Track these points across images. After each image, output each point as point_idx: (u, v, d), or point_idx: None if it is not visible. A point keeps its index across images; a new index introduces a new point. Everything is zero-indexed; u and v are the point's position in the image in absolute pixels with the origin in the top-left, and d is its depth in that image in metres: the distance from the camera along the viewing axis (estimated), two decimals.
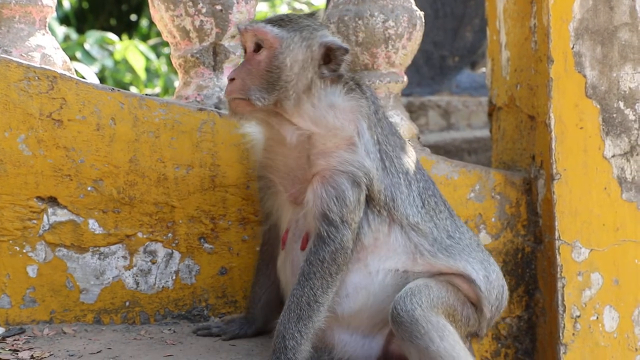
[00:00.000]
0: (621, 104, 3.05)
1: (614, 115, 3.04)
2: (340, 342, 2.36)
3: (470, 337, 2.46)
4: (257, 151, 2.53)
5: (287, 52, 2.27)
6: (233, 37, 3.02)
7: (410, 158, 2.48)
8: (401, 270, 2.36)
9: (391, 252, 2.36)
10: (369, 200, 2.33)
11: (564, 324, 2.96)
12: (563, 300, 2.97)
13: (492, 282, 2.43)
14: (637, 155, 3.04)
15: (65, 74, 2.68)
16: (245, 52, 2.35)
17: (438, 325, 2.26)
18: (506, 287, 2.52)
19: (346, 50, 2.31)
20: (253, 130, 2.53)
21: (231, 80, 2.30)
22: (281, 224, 2.50)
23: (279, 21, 2.31)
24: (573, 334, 2.97)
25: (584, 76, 3.02)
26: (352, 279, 2.34)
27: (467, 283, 2.40)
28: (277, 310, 2.62)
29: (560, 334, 2.96)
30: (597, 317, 2.99)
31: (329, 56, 2.31)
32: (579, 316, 2.98)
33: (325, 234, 2.27)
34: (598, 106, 3.03)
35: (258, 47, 2.30)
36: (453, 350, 2.25)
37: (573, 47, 3.01)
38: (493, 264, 2.49)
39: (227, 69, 3.05)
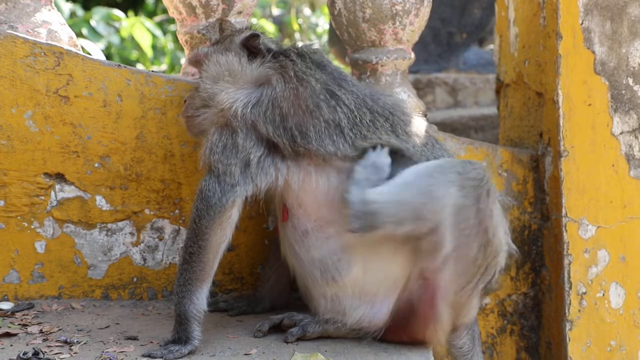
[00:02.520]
0: (630, 81, 3.02)
1: (623, 91, 3.01)
2: (350, 309, 2.36)
3: (488, 293, 2.44)
4: None
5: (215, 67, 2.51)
6: (240, 13, 3.00)
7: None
8: None
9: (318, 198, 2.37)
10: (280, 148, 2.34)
11: (570, 301, 2.97)
12: (569, 277, 2.97)
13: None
14: None
15: (71, 50, 2.67)
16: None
17: (495, 211, 2.32)
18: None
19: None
20: None
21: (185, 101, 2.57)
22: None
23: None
24: (579, 311, 2.98)
25: (593, 52, 2.99)
26: (335, 241, 2.32)
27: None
28: (285, 292, 2.64)
29: (566, 311, 2.97)
30: (603, 294, 3.00)
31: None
32: (585, 293, 2.98)
33: (199, 185, 2.36)
34: (607, 83, 3.00)
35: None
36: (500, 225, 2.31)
37: (582, 23, 2.98)
38: None
39: None
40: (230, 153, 2.33)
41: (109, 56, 6.79)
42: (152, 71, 2.82)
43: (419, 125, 2.48)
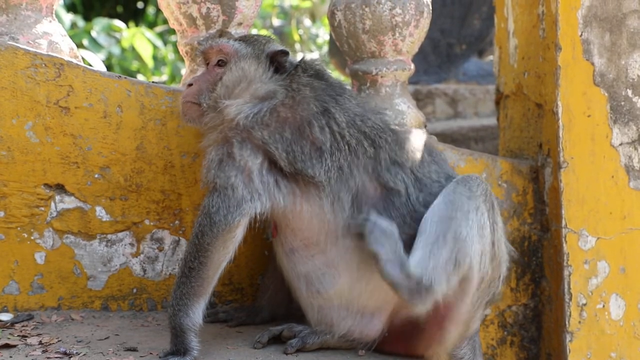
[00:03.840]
0: (629, 92, 3.03)
1: (622, 103, 3.02)
2: (338, 320, 2.36)
3: (491, 304, 2.44)
4: None
5: (244, 66, 2.48)
6: (240, 24, 3.01)
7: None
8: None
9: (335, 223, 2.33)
10: (282, 167, 2.32)
11: (570, 312, 2.96)
12: (569, 288, 2.97)
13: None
14: None
15: (72, 62, 2.68)
16: (208, 64, 2.53)
17: (471, 214, 2.27)
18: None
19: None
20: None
21: (189, 85, 2.51)
22: None
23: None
24: (579, 322, 2.97)
25: (592, 64, 3.00)
26: (319, 258, 2.34)
27: None
28: (284, 302, 2.64)
29: (567, 322, 2.96)
30: (604, 305, 2.99)
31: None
32: (585, 304, 2.98)
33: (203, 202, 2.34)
34: (606, 94, 3.01)
35: (221, 62, 2.49)
36: (470, 235, 2.25)
37: (581, 35, 2.99)
38: None
39: None
40: (227, 164, 2.30)
41: (109, 67, 6.80)
42: (153, 82, 2.83)
43: (411, 143, 2.48)
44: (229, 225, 2.27)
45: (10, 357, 2.28)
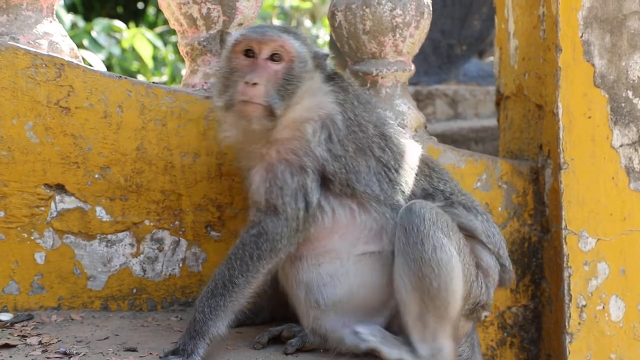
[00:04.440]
0: (630, 93, 3.03)
1: (623, 104, 3.02)
2: (331, 330, 2.36)
3: (479, 310, 2.45)
4: (228, 139, 2.52)
5: (304, 65, 2.38)
6: (240, 25, 3.01)
7: (388, 136, 2.48)
8: (376, 251, 2.36)
9: (358, 234, 2.36)
10: (330, 184, 2.34)
11: (570, 313, 2.96)
12: (569, 289, 2.97)
13: (494, 238, 2.47)
14: None
15: (72, 62, 2.68)
16: (253, 56, 2.35)
17: (441, 240, 2.25)
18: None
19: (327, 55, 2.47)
20: (227, 128, 2.52)
21: (253, 84, 2.29)
22: None
23: (293, 34, 2.41)
24: (579, 324, 2.97)
25: (593, 65, 3.00)
26: (325, 268, 2.35)
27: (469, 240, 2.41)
28: (284, 302, 2.64)
29: (566, 323, 2.96)
30: (603, 307, 2.99)
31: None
32: (585, 306, 2.98)
33: (252, 217, 2.32)
34: (606, 95, 3.01)
35: (275, 57, 2.35)
36: (442, 263, 2.24)
37: (582, 36, 2.99)
38: (492, 224, 2.52)
39: None
40: (299, 195, 2.29)
41: (109, 67, 6.80)
42: (153, 82, 2.83)
43: (409, 155, 2.50)
44: (287, 252, 2.31)
45: (10, 357, 2.28)
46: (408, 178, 2.45)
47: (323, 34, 9.95)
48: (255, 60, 2.35)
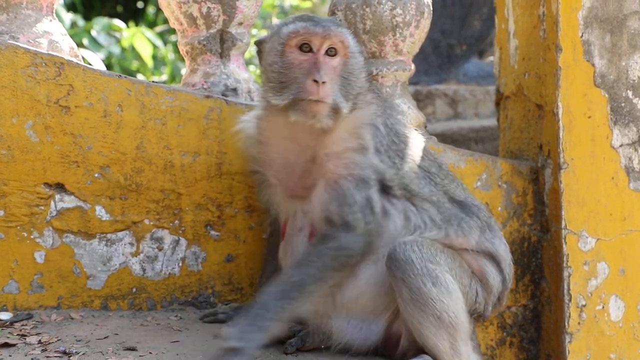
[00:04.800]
0: (630, 93, 3.03)
1: (623, 104, 3.02)
2: (338, 329, 2.36)
3: (477, 316, 2.46)
4: (248, 146, 2.53)
5: (359, 60, 2.35)
6: (240, 24, 3.01)
7: (417, 146, 2.51)
8: None
9: (404, 231, 2.37)
10: (388, 190, 2.35)
11: (570, 313, 2.96)
12: (569, 289, 2.97)
13: (492, 248, 2.46)
14: None
15: (72, 61, 2.68)
16: (309, 49, 2.28)
17: (434, 272, 2.25)
18: (510, 257, 2.54)
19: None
20: (245, 125, 2.53)
21: (323, 83, 2.23)
22: (280, 216, 2.52)
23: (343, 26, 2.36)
24: (578, 323, 2.97)
25: (593, 65, 3.00)
26: (363, 270, 2.34)
27: (469, 254, 2.41)
28: None
29: (566, 323, 2.96)
30: (603, 307, 2.99)
31: None
32: (584, 305, 2.98)
33: (327, 232, 2.29)
34: (606, 95, 3.01)
35: (331, 51, 2.29)
36: (445, 298, 2.25)
37: (582, 36, 2.99)
38: (494, 231, 2.51)
39: (234, 56, 3.05)
40: (367, 210, 2.29)
41: (109, 66, 6.80)
42: (153, 81, 2.83)
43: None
44: (359, 263, 2.31)
45: (10, 356, 2.28)
46: (448, 182, 2.50)
47: None
48: (314, 55, 2.26)
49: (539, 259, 3.16)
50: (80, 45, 6.37)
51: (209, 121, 2.76)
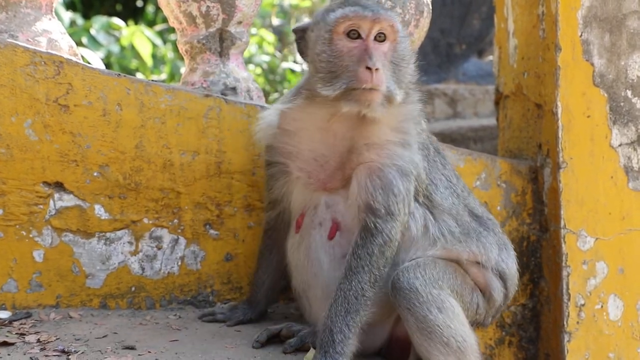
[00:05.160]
0: (629, 93, 3.03)
1: (622, 104, 3.02)
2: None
3: (476, 325, 2.47)
4: (270, 137, 2.46)
5: (407, 45, 2.31)
6: (239, 23, 3.01)
7: (442, 153, 2.54)
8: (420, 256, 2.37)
9: (421, 241, 2.37)
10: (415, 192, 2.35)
11: (569, 313, 2.96)
12: (568, 288, 2.97)
13: (506, 269, 2.46)
14: None
15: (71, 59, 2.68)
16: (357, 36, 2.21)
17: (439, 297, 2.24)
18: (517, 276, 2.54)
19: None
20: (269, 116, 2.47)
21: (376, 70, 2.15)
22: (294, 209, 2.48)
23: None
24: (577, 323, 2.97)
25: (592, 64, 3.00)
26: None
27: (478, 268, 2.41)
28: (279, 293, 2.63)
29: (565, 322, 2.96)
30: (602, 306, 2.99)
31: None
32: (583, 305, 2.98)
33: (372, 225, 2.24)
34: (605, 95, 3.01)
35: (380, 36, 2.23)
36: (452, 322, 2.24)
37: (581, 35, 2.99)
38: (509, 250, 2.51)
39: (234, 55, 3.05)
40: (406, 203, 2.28)
41: (108, 65, 6.79)
42: (152, 80, 2.83)
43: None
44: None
45: (9, 354, 2.27)
46: (467, 195, 2.50)
47: None
48: (363, 41, 2.19)
49: (538, 258, 3.16)
50: (79, 43, 6.37)
51: (208, 120, 2.76)
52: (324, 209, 2.36)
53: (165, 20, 7.62)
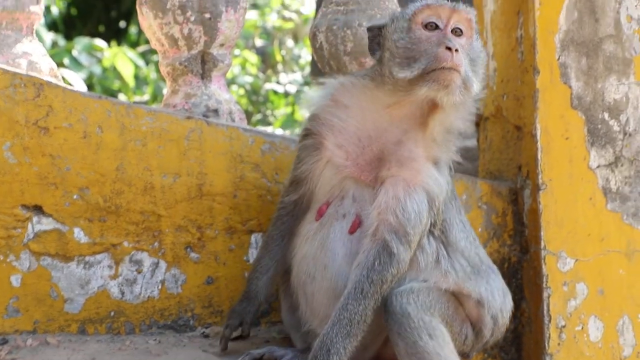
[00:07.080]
0: (606, 115, 3.07)
1: (599, 126, 3.06)
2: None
3: (460, 355, 2.46)
4: (318, 105, 2.38)
5: (481, 45, 2.29)
6: (222, 45, 3.02)
7: (457, 197, 2.52)
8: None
9: (429, 274, 2.35)
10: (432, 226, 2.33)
11: (550, 334, 2.97)
12: (548, 310, 2.98)
13: (499, 308, 2.48)
14: (622, 166, 3.06)
15: (52, 81, 2.67)
16: (435, 27, 2.20)
17: (430, 324, 2.24)
18: (510, 312, 2.55)
19: None
20: (326, 84, 2.39)
21: (456, 50, 2.13)
22: (319, 194, 2.40)
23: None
24: (558, 344, 2.98)
25: (570, 87, 3.04)
26: None
27: (472, 303, 2.41)
28: (277, 283, 2.59)
29: (546, 344, 2.97)
30: (582, 327, 3.00)
31: None
32: (564, 326, 2.99)
33: (395, 250, 2.23)
34: (583, 117, 3.05)
35: (458, 32, 2.22)
36: (442, 350, 2.24)
37: (559, 59, 3.03)
38: (508, 297, 2.54)
39: (216, 77, 3.05)
40: (424, 232, 2.27)
41: (90, 86, 6.78)
42: (134, 102, 2.82)
43: None
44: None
45: None
46: (477, 244, 2.50)
47: (305, 54, 9.99)
48: (441, 31, 2.19)
49: (519, 280, 3.17)
50: (61, 64, 6.36)
51: (189, 142, 2.76)
52: (350, 202, 2.32)
53: (148, 41, 7.64)
